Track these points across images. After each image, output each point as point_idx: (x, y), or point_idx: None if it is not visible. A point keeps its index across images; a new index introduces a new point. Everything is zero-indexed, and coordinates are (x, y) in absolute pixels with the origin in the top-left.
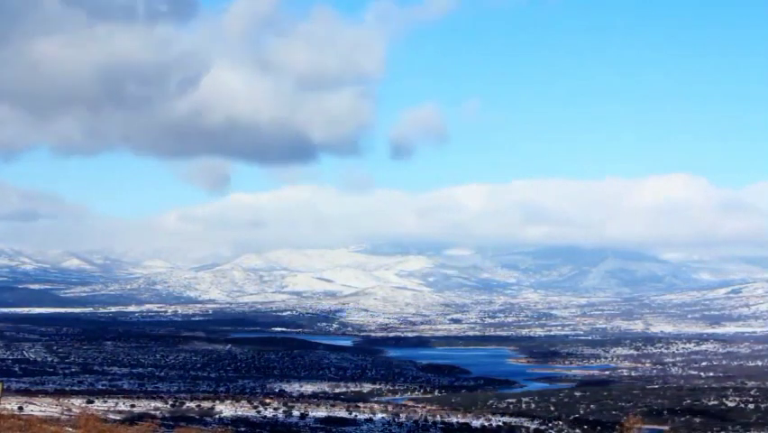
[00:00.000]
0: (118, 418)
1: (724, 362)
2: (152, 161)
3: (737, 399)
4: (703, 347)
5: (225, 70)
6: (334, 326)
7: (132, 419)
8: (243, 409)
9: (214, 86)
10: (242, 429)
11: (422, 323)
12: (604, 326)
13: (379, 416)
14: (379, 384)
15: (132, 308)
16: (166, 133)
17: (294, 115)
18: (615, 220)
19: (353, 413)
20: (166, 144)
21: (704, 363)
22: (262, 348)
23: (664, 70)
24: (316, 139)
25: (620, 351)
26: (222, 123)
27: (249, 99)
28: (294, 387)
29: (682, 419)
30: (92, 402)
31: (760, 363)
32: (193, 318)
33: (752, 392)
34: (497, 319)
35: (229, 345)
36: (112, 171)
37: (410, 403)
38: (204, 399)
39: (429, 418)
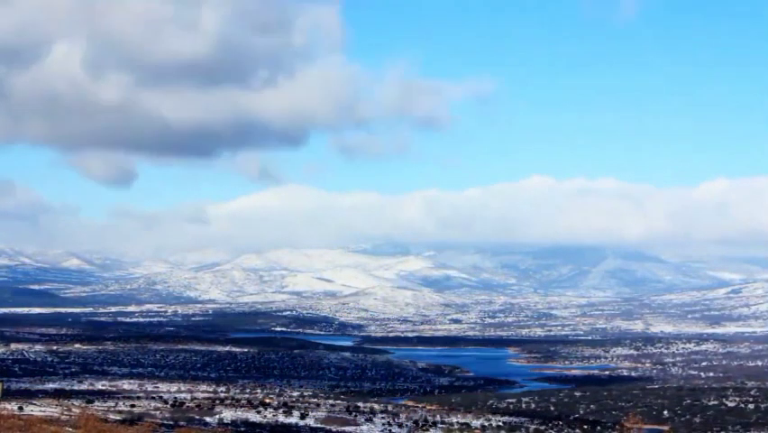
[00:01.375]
0: (118, 418)
1: (724, 362)
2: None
3: (737, 399)
4: (703, 347)
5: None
6: (334, 326)
7: (132, 420)
8: (243, 410)
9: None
10: (242, 430)
11: (422, 323)
12: (604, 326)
13: (379, 416)
14: (379, 384)
15: (132, 308)
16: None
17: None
18: (615, 221)
19: (353, 413)
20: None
21: (704, 363)
22: (262, 348)
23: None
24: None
25: (620, 351)
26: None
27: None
28: (294, 387)
29: (682, 419)
30: (92, 402)
31: (760, 363)
32: (193, 318)
33: (752, 392)
34: (497, 319)
35: (229, 345)
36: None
37: (410, 403)
38: (204, 399)
39: (429, 418)
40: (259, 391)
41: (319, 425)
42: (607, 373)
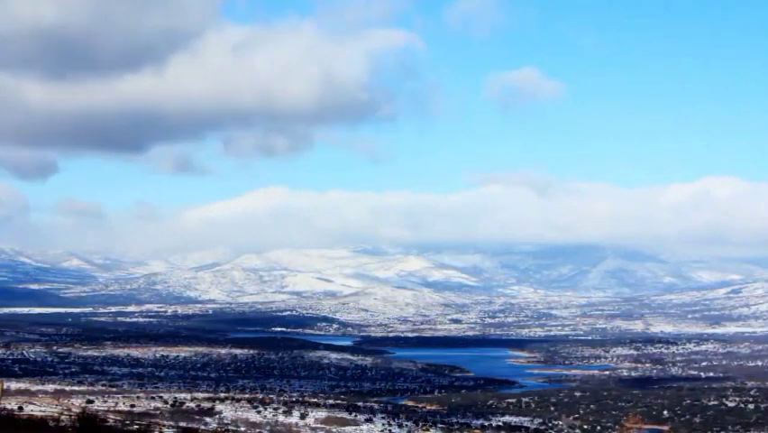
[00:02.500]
0: (118, 418)
1: (724, 362)
2: None
3: (737, 399)
4: (703, 347)
5: None
6: (334, 326)
7: (132, 420)
8: (243, 410)
9: None
10: (242, 429)
11: (422, 323)
12: (604, 326)
13: (379, 416)
14: (379, 384)
15: (132, 308)
16: None
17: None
18: (615, 221)
19: (353, 413)
20: None
21: (704, 363)
22: (262, 348)
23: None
24: None
25: (620, 351)
26: None
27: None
28: (294, 387)
29: (682, 419)
30: (92, 402)
31: (760, 363)
32: (193, 318)
33: (752, 392)
34: (497, 319)
35: (229, 345)
36: None
37: (410, 403)
38: (204, 399)
39: (429, 418)
40: (259, 391)
41: (319, 425)
42: (607, 373)
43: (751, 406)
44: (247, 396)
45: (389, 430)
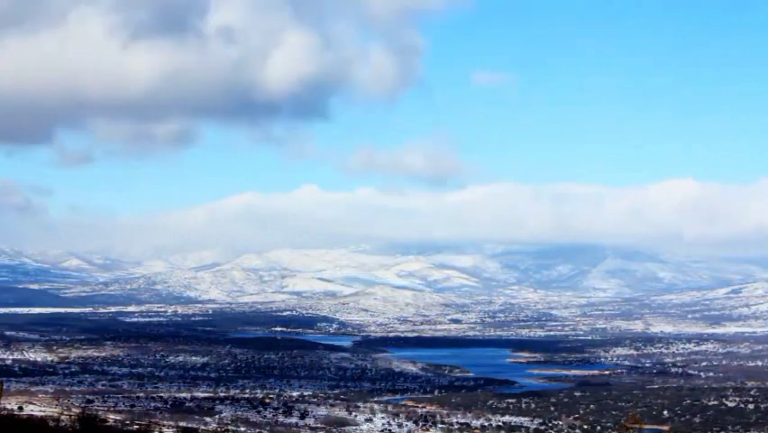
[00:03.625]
0: (118, 418)
1: (724, 362)
2: None
3: (737, 399)
4: (703, 347)
5: None
6: (334, 326)
7: (133, 420)
8: (243, 409)
9: None
10: (242, 429)
11: (422, 323)
12: (604, 326)
13: (379, 416)
14: (379, 384)
15: (132, 308)
16: None
17: None
18: (615, 220)
19: (353, 413)
20: None
21: (704, 363)
22: (262, 348)
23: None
24: None
25: (620, 351)
26: None
27: None
28: (294, 387)
29: (682, 419)
30: (92, 402)
31: (760, 363)
32: (193, 318)
33: (752, 392)
34: (497, 319)
35: (229, 346)
36: None
37: (410, 403)
38: (204, 399)
39: (429, 418)
40: (259, 391)
41: (319, 425)
42: (607, 372)
43: (751, 406)
44: (247, 396)
45: (389, 430)
